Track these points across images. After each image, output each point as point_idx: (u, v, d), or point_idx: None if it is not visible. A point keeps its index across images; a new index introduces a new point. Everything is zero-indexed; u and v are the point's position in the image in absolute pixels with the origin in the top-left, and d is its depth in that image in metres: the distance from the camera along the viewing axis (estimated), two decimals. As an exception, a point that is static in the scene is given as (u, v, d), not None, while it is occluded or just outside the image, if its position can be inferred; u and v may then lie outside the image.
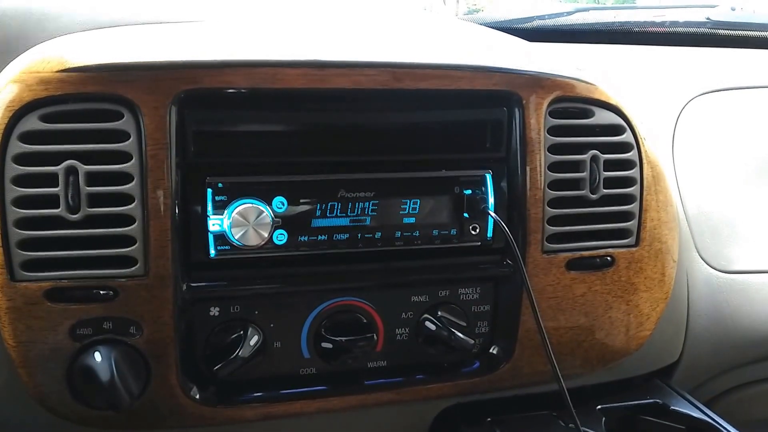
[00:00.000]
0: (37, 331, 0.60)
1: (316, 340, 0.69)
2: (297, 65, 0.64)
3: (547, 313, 0.72)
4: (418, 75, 0.66)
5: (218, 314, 0.66)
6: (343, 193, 0.66)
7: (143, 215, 0.61)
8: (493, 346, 0.75)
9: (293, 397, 0.70)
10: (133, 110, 0.60)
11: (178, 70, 0.61)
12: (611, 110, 0.74)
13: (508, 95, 0.69)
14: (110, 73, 0.60)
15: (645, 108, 0.92)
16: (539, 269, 0.72)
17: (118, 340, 0.62)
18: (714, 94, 1.02)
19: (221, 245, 0.64)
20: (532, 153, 0.70)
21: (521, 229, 0.70)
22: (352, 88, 0.65)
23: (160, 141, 0.60)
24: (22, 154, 0.59)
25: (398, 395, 0.73)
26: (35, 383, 0.62)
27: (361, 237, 0.67)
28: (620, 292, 0.76)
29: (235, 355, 0.64)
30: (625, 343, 0.78)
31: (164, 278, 0.62)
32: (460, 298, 0.73)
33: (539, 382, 0.77)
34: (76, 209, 0.59)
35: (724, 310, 0.89)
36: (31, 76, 0.59)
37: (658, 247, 0.77)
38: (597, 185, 0.72)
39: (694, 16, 1.26)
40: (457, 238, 0.70)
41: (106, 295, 0.61)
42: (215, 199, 0.63)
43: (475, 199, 0.70)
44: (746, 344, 0.91)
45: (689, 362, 0.89)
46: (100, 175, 0.60)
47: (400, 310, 0.71)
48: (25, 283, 0.59)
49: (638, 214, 0.75)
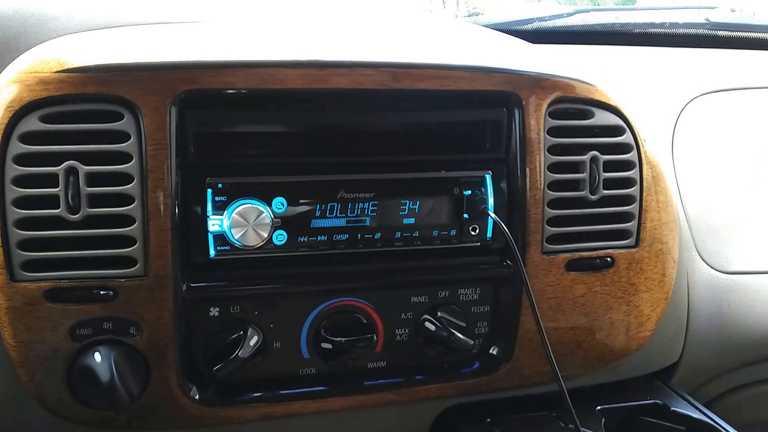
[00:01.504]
0: (36, 331, 0.60)
1: (315, 340, 0.69)
2: (297, 65, 0.64)
3: (546, 313, 0.72)
4: (418, 75, 0.67)
5: (218, 314, 0.66)
6: (343, 193, 0.66)
7: (143, 216, 0.61)
8: (493, 347, 0.75)
9: (293, 397, 0.70)
10: (133, 111, 0.60)
11: (178, 71, 0.61)
12: (611, 111, 0.74)
13: (508, 96, 0.70)
14: (110, 73, 0.60)
15: (645, 109, 0.92)
16: (539, 270, 0.72)
17: (118, 341, 0.62)
18: (713, 95, 1.02)
19: (221, 245, 0.64)
20: (532, 154, 0.70)
21: (521, 230, 0.70)
22: (352, 88, 0.65)
23: (160, 141, 0.60)
24: (22, 155, 0.59)
25: (398, 396, 0.73)
26: (35, 383, 0.62)
27: (361, 237, 0.67)
28: (620, 292, 0.76)
29: (235, 355, 0.64)
30: (626, 344, 0.78)
31: (164, 278, 0.62)
32: (459, 298, 0.73)
33: (539, 383, 0.77)
34: (76, 210, 0.59)
35: (725, 311, 0.89)
36: (31, 77, 0.59)
37: (658, 248, 0.77)
38: (597, 186, 0.72)
39: (693, 17, 1.27)
40: (456, 238, 0.70)
41: (106, 295, 0.61)
42: (215, 200, 0.63)
43: (475, 199, 0.70)
44: (746, 345, 0.91)
45: (689, 363, 0.89)
46: (100, 175, 0.60)
47: (399, 310, 0.71)
48: (25, 284, 0.59)
49: (638, 214, 0.75)
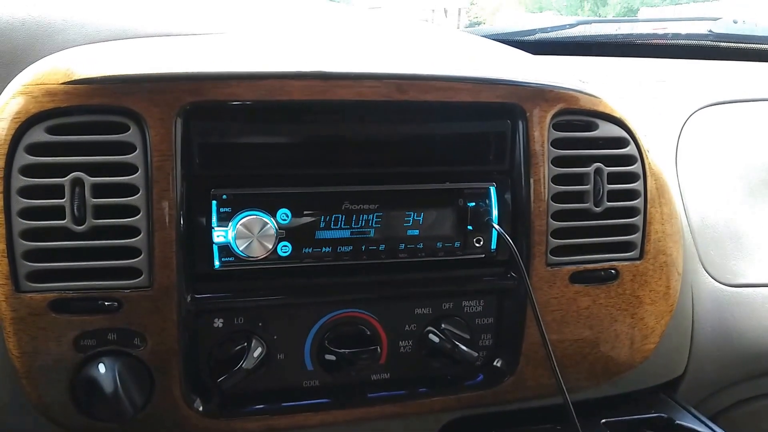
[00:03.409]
0: (41, 341, 0.60)
1: (319, 352, 0.69)
2: (301, 77, 0.64)
3: (551, 325, 0.72)
4: (423, 87, 0.67)
5: (222, 326, 0.66)
6: (347, 205, 0.66)
7: (148, 227, 0.61)
8: (497, 359, 0.75)
9: (296, 409, 0.69)
10: (139, 122, 0.60)
11: (184, 83, 0.61)
12: (615, 123, 0.74)
13: (512, 108, 0.70)
14: (116, 85, 0.60)
15: (648, 120, 0.92)
16: (543, 282, 0.71)
17: (122, 352, 0.62)
18: (717, 107, 1.02)
19: (225, 257, 0.64)
20: (536, 165, 0.70)
21: (525, 242, 0.70)
22: (356, 99, 0.65)
23: (165, 152, 0.61)
24: (28, 166, 0.59)
25: (402, 408, 0.72)
26: (39, 394, 0.62)
27: (365, 249, 0.67)
28: (625, 305, 0.75)
29: (239, 366, 0.64)
30: (630, 357, 0.78)
31: (168, 290, 0.62)
32: (464, 310, 0.73)
33: (543, 396, 0.76)
34: (81, 221, 0.60)
35: (729, 324, 0.89)
36: (37, 88, 0.60)
37: (662, 260, 0.77)
38: (601, 198, 0.72)
39: (696, 28, 1.27)
40: (460, 250, 0.70)
41: (111, 306, 0.61)
42: (220, 211, 0.63)
43: (479, 211, 0.70)
44: (751, 358, 0.91)
45: (694, 376, 0.89)
46: (106, 186, 0.60)
47: (403, 322, 0.71)
48: (30, 294, 0.59)
49: (642, 226, 0.75)
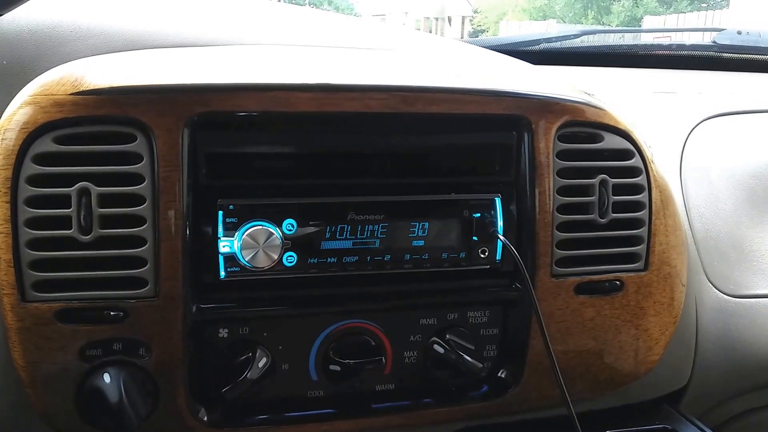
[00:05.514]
0: (46, 351, 0.60)
1: (324, 362, 0.69)
2: (308, 89, 0.64)
3: (555, 337, 0.72)
4: (429, 99, 0.67)
5: (227, 336, 0.66)
6: (353, 215, 0.67)
7: (154, 237, 0.61)
8: (502, 370, 0.75)
9: (301, 419, 0.69)
10: (146, 132, 0.61)
11: (191, 94, 0.62)
12: (620, 135, 0.74)
13: (518, 119, 0.70)
14: (124, 95, 0.60)
15: (653, 131, 0.92)
16: (548, 293, 0.71)
17: (127, 362, 0.62)
18: (721, 118, 1.02)
19: (231, 267, 0.64)
20: (541, 177, 0.70)
21: (530, 253, 0.70)
22: (363, 111, 0.65)
23: (172, 163, 0.61)
24: (35, 176, 0.59)
25: (406, 419, 0.72)
26: (43, 404, 0.62)
27: (371, 259, 0.68)
28: (629, 316, 0.75)
29: (244, 377, 0.64)
30: (634, 368, 0.78)
31: (174, 299, 0.62)
32: (468, 321, 0.73)
33: (547, 407, 0.76)
34: (88, 230, 0.60)
35: (733, 335, 0.89)
36: (45, 98, 0.60)
37: (667, 272, 0.77)
38: (606, 209, 0.73)
39: (700, 39, 1.27)
40: (466, 261, 0.70)
41: (116, 316, 0.61)
42: (226, 221, 0.63)
43: (484, 222, 0.70)
44: (756, 369, 0.91)
45: (698, 387, 0.89)
46: (113, 196, 0.60)
47: (408, 332, 0.71)
48: (36, 304, 0.60)
49: (647, 238, 0.75)
